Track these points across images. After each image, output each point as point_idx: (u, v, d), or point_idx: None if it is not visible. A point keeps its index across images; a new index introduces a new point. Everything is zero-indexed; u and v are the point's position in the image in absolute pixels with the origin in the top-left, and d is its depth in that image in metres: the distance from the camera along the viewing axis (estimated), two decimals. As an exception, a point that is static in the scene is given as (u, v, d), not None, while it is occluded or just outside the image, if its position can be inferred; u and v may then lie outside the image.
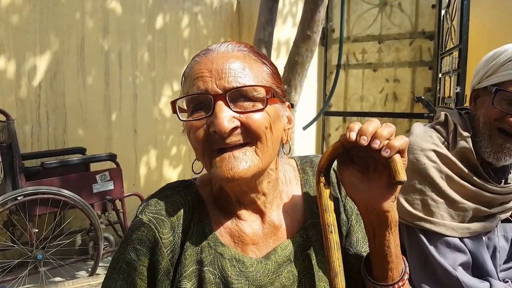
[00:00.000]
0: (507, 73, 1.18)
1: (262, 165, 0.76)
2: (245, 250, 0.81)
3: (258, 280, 0.79)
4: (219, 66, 0.74)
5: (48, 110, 3.48)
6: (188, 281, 0.78)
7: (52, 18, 3.42)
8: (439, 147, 1.27)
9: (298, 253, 0.83)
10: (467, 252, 1.23)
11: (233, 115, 0.72)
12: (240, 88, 0.73)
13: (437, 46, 4.24)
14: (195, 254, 0.79)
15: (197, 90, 0.74)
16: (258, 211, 0.83)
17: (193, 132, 0.75)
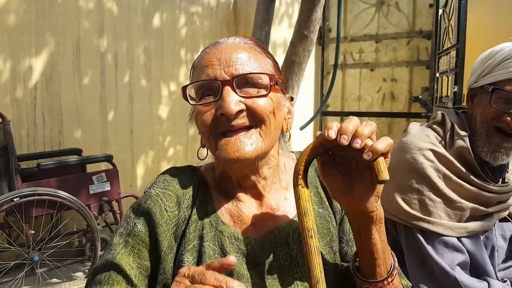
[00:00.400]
0: (504, 72, 1.18)
1: (265, 147, 0.81)
2: (244, 230, 0.85)
3: (255, 258, 0.83)
4: (227, 56, 0.81)
5: (44, 111, 3.46)
6: (190, 255, 0.82)
7: (47, 19, 3.41)
8: (437, 147, 1.26)
9: (295, 236, 0.86)
10: (465, 251, 1.23)
11: (239, 99, 0.79)
12: (246, 74, 0.80)
13: (434, 45, 4.24)
14: (198, 230, 0.84)
15: (207, 77, 0.81)
16: (258, 194, 0.88)
17: (201, 116, 0.81)
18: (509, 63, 1.17)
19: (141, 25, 3.94)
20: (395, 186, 1.27)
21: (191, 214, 0.85)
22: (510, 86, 1.17)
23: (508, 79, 1.17)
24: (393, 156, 1.34)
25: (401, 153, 1.30)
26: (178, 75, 4.23)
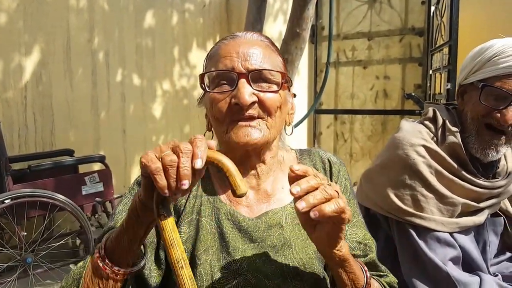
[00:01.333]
0: (494, 69, 1.18)
1: (271, 136, 0.89)
2: (240, 210, 0.93)
3: (250, 234, 0.90)
4: (245, 50, 0.88)
5: (35, 111, 3.42)
6: (187, 227, 0.90)
7: (36, 18, 3.37)
8: (429, 143, 1.27)
9: (288, 220, 0.93)
10: (457, 247, 1.23)
11: (253, 92, 0.85)
12: (262, 70, 0.86)
13: (426, 42, 4.25)
14: (196, 206, 0.92)
15: (224, 67, 0.87)
16: (256, 178, 0.95)
17: (216, 103, 0.87)
18: (499, 60, 1.17)
19: (132, 23, 3.91)
20: (388, 182, 1.28)
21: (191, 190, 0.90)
22: (499, 82, 1.17)
23: (498, 75, 1.17)
24: (385, 152, 1.35)
25: (394, 149, 1.30)
26: (170, 74, 4.21)
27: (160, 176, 0.63)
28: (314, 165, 1.02)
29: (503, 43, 1.19)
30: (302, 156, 1.05)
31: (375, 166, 1.36)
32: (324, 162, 1.03)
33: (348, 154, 4.87)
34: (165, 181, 0.63)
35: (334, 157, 1.06)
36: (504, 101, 1.17)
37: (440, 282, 1.20)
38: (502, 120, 1.17)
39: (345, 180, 1.04)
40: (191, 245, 0.89)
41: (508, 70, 1.15)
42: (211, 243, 0.89)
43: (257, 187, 0.95)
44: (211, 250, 0.88)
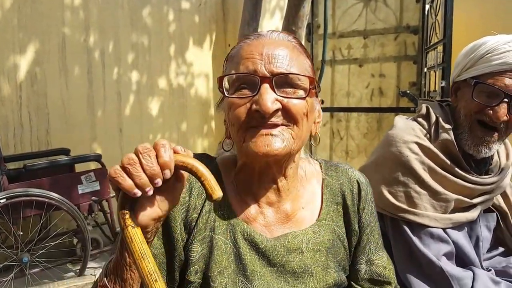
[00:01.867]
0: (486, 66, 1.19)
1: (295, 147, 0.80)
2: (256, 228, 0.85)
3: (268, 258, 0.83)
4: (269, 51, 0.79)
5: (30, 111, 3.41)
6: (199, 245, 0.81)
7: (31, 16, 3.36)
8: (422, 139, 1.28)
9: (309, 245, 0.86)
10: (450, 242, 1.25)
11: (277, 98, 0.77)
12: (287, 74, 0.78)
13: (421, 40, 4.27)
14: (210, 221, 0.83)
15: (246, 70, 0.78)
16: (276, 194, 0.87)
17: (235, 108, 0.78)
18: (492, 57, 1.18)
19: (128, 22, 3.91)
20: (382, 179, 1.29)
21: (204, 204, 0.83)
22: (492, 79, 1.18)
23: (490, 72, 1.18)
24: (379, 150, 1.36)
25: (387, 146, 1.31)
26: (167, 72, 4.21)
27: (122, 178, 0.61)
28: (341, 186, 0.94)
29: (496, 40, 1.20)
30: (328, 171, 0.96)
31: (369, 163, 1.38)
32: (352, 183, 0.95)
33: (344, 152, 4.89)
34: (129, 181, 0.61)
35: (362, 177, 0.98)
36: (496, 98, 1.18)
37: (434, 277, 1.21)
38: (494, 117, 1.18)
39: (371, 203, 0.97)
40: (203, 265, 0.81)
41: (501, 67, 1.16)
42: (227, 264, 0.81)
43: (277, 205, 0.87)
44: (227, 272, 0.81)
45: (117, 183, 0.61)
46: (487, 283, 1.20)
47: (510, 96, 1.16)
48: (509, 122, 1.20)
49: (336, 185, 0.94)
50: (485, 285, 1.20)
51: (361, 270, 0.94)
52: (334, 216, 0.91)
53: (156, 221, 0.67)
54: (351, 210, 0.93)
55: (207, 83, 4.59)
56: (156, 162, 0.63)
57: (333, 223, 0.91)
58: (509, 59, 1.15)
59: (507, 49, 1.16)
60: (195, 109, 4.50)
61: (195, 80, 4.46)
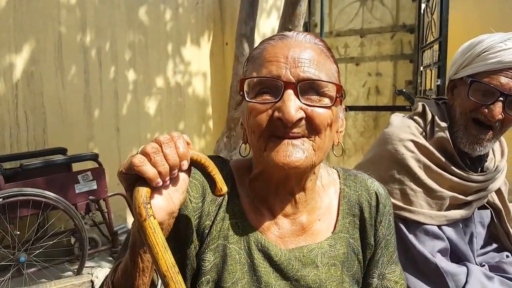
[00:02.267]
0: (482, 64, 1.20)
1: (316, 159, 0.75)
2: (270, 238, 0.81)
3: (282, 271, 0.80)
4: (295, 54, 0.74)
5: (26, 110, 3.40)
6: (212, 254, 0.78)
7: (27, 15, 3.35)
8: (417, 137, 1.29)
9: (324, 259, 0.83)
10: (445, 239, 1.26)
11: (301, 106, 0.72)
12: (314, 80, 0.73)
13: (417, 39, 4.29)
14: (224, 229, 0.80)
15: (269, 74, 0.73)
16: (292, 206, 0.83)
17: (255, 115, 0.74)
18: (488, 55, 1.19)
19: (124, 20, 3.90)
20: (377, 177, 1.28)
21: (218, 211, 0.80)
22: (487, 78, 1.18)
23: (486, 71, 1.19)
24: (375, 147, 1.37)
25: (383, 144, 1.32)
26: (164, 70, 4.21)
27: (147, 166, 0.59)
28: (359, 197, 0.90)
29: (492, 39, 1.20)
30: (346, 180, 0.92)
31: (365, 161, 1.38)
32: (371, 195, 0.90)
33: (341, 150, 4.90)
34: (154, 169, 0.60)
35: (381, 188, 0.94)
36: (492, 96, 1.18)
37: (429, 273, 1.22)
38: (489, 116, 1.19)
39: (389, 215, 0.93)
40: (216, 275, 0.78)
41: (497, 65, 1.17)
42: (240, 275, 0.78)
43: (293, 216, 0.84)
44: (240, 284, 0.78)
45: (142, 171, 0.59)
46: (480, 278, 1.22)
47: (505, 95, 1.17)
48: (504, 120, 1.21)
49: (354, 196, 0.90)
50: (479, 280, 1.21)
51: (372, 284, 0.91)
52: (350, 228, 0.88)
53: (170, 216, 0.65)
54: (368, 223, 0.89)
55: (205, 82, 4.59)
56: (176, 152, 0.62)
57: (348, 236, 0.87)
58: (505, 57, 1.16)
59: (503, 48, 1.17)
60: (193, 108, 4.50)
61: (192, 79, 4.46)
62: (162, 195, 0.63)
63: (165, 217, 0.64)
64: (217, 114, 4.65)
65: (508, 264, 1.31)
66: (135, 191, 0.61)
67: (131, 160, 0.60)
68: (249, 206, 0.83)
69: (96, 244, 3.31)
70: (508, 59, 1.16)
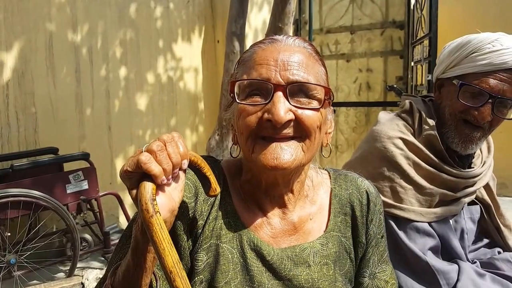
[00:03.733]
0: (471, 65, 1.20)
1: (305, 160, 0.77)
2: (262, 237, 0.82)
3: (275, 270, 0.80)
4: (285, 58, 0.76)
5: (17, 110, 3.37)
6: (205, 254, 0.79)
7: (17, 14, 3.31)
8: (406, 135, 1.29)
9: (316, 258, 0.84)
10: (435, 236, 1.27)
11: (290, 108, 0.73)
12: (303, 83, 0.74)
13: (407, 35, 4.31)
14: (216, 229, 0.80)
15: (259, 77, 0.75)
16: (282, 207, 0.85)
17: (244, 116, 0.75)
18: (477, 57, 1.19)
19: (115, 18, 3.87)
20: (367, 174, 1.29)
21: (210, 210, 0.81)
22: (477, 80, 1.19)
23: (476, 72, 1.19)
24: (364, 145, 1.37)
25: (372, 142, 1.32)
26: (155, 68, 4.19)
27: (154, 163, 0.60)
28: (349, 196, 0.91)
29: (481, 40, 1.20)
30: (337, 180, 0.93)
31: (354, 158, 1.39)
32: (361, 193, 0.92)
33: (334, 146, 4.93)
34: (159, 167, 0.61)
35: (371, 187, 0.95)
36: (481, 99, 1.19)
37: (421, 271, 1.23)
38: (479, 117, 1.20)
39: (380, 214, 0.94)
40: (209, 275, 0.79)
41: (486, 67, 1.18)
42: (233, 275, 0.78)
43: (284, 216, 0.85)
44: (233, 283, 0.78)
45: (149, 169, 0.60)
46: (472, 275, 1.23)
47: (494, 97, 1.18)
48: (493, 121, 1.22)
49: (344, 195, 0.91)
50: (470, 278, 1.22)
51: (363, 283, 0.91)
52: (342, 227, 0.89)
53: (171, 214, 0.66)
54: (359, 222, 0.90)
55: (197, 80, 4.58)
56: (178, 152, 0.63)
57: (340, 234, 0.88)
58: (494, 60, 1.16)
59: (492, 49, 1.17)
60: (185, 106, 4.49)
61: (184, 77, 4.44)
62: (165, 193, 0.64)
63: (167, 214, 0.64)
64: (209, 112, 4.64)
65: (500, 260, 1.32)
66: (141, 188, 0.61)
67: (138, 157, 0.61)
68: (241, 206, 0.84)
69: (88, 244, 3.30)
70: (497, 61, 1.16)
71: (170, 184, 0.65)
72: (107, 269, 0.80)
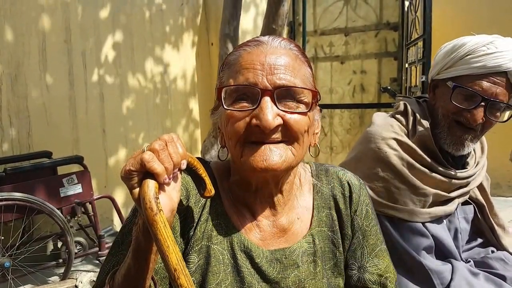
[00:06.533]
0: (466, 68, 1.21)
1: (295, 163, 0.77)
2: (252, 238, 0.82)
3: (263, 273, 0.81)
4: (271, 61, 0.74)
5: (10, 114, 3.35)
6: (196, 256, 0.79)
7: (9, 18, 3.29)
8: (400, 136, 1.30)
9: (303, 258, 0.84)
10: (429, 236, 1.27)
11: (278, 112, 0.73)
12: (290, 87, 0.74)
13: (401, 36, 4.34)
14: (207, 231, 0.80)
15: (246, 82, 0.74)
16: (271, 208, 0.84)
17: (232, 122, 0.74)
18: (471, 59, 1.20)
19: (109, 21, 3.86)
20: (362, 175, 1.29)
21: (202, 212, 0.81)
22: (470, 83, 1.20)
23: (469, 75, 1.20)
24: (359, 146, 1.38)
25: (366, 143, 1.33)
26: (149, 71, 4.18)
27: (157, 162, 0.61)
28: (332, 189, 0.91)
29: (475, 42, 1.21)
30: (318, 174, 0.92)
31: (349, 159, 1.39)
32: (343, 186, 0.91)
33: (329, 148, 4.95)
34: (162, 166, 0.61)
35: (354, 178, 0.94)
36: (474, 101, 1.20)
37: (415, 271, 1.23)
38: (471, 120, 1.21)
39: (366, 205, 0.93)
40: (200, 277, 0.79)
41: (480, 70, 1.19)
42: (224, 276, 0.79)
43: (273, 218, 0.85)
44: (224, 285, 0.78)
45: (152, 167, 0.60)
46: (465, 275, 1.23)
47: (487, 100, 1.19)
48: (485, 124, 1.23)
49: (326, 189, 0.90)
50: (464, 277, 1.23)
51: (352, 276, 0.90)
52: (327, 221, 0.89)
53: (171, 214, 0.66)
54: (344, 214, 0.90)
55: (191, 83, 4.57)
56: (178, 152, 0.64)
57: (327, 229, 0.88)
58: (488, 62, 1.17)
59: (486, 52, 1.18)
60: (179, 109, 4.48)
61: (178, 80, 4.44)
62: (165, 192, 0.64)
63: (168, 214, 0.64)
64: (203, 114, 4.64)
65: (493, 259, 1.33)
66: (144, 186, 0.61)
67: (142, 156, 0.61)
68: (231, 208, 0.84)
69: (83, 248, 3.28)
70: (491, 64, 1.17)
71: (170, 183, 0.65)
72: (98, 277, 0.79)
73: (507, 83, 1.19)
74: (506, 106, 1.22)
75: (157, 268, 0.77)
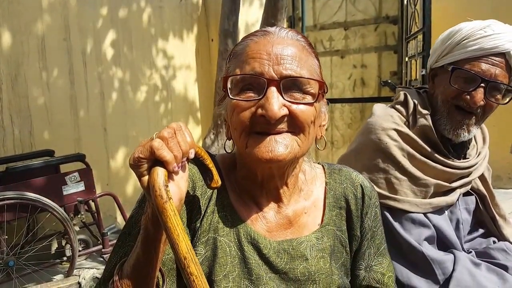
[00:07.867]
0: (463, 51, 1.21)
1: (300, 153, 0.77)
2: (258, 230, 0.82)
3: (271, 264, 0.81)
4: (278, 51, 0.74)
5: (11, 113, 3.36)
6: (203, 248, 0.79)
7: (8, 17, 3.29)
8: (400, 126, 1.30)
9: (313, 252, 0.84)
10: (431, 226, 1.27)
11: (284, 103, 0.72)
12: (296, 78, 0.73)
13: (401, 30, 4.32)
14: (214, 223, 0.80)
15: (252, 71, 0.73)
16: (277, 201, 0.85)
17: (238, 112, 0.74)
18: (468, 43, 1.20)
19: (108, 19, 3.86)
20: (362, 166, 1.30)
21: (208, 204, 0.81)
22: (469, 65, 1.20)
23: (467, 58, 1.20)
24: (359, 137, 1.38)
25: (367, 133, 1.33)
26: (149, 69, 4.18)
27: (166, 150, 0.60)
28: (344, 190, 0.91)
29: (472, 27, 1.22)
30: (331, 175, 0.92)
31: (350, 151, 1.39)
32: (356, 187, 0.92)
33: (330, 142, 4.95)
34: (171, 153, 0.61)
35: (366, 181, 0.94)
36: (473, 83, 1.20)
37: (416, 262, 1.23)
38: (471, 102, 1.21)
39: (375, 207, 0.94)
40: (207, 268, 0.78)
41: (477, 52, 1.19)
42: (231, 268, 0.79)
43: (279, 210, 0.85)
44: (231, 276, 0.78)
45: (161, 155, 0.60)
46: (467, 265, 1.23)
47: (486, 81, 1.18)
48: (485, 106, 1.22)
49: (339, 189, 0.91)
50: (466, 267, 1.22)
51: (359, 275, 0.91)
52: (337, 220, 0.89)
53: (180, 203, 0.66)
54: (354, 215, 0.90)
55: (191, 79, 4.57)
56: (186, 140, 0.64)
57: (335, 228, 0.88)
58: (484, 44, 1.17)
59: (483, 35, 1.18)
60: (180, 106, 4.48)
61: (178, 76, 4.44)
62: (174, 181, 0.64)
63: (177, 203, 0.64)
64: (204, 111, 4.64)
65: (495, 249, 1.33)
66: (153, 174, 0.61)
67: (151, 143, 0.61)
68: (237, 200, 0.84)
69: (86, 245, 3.29)
70: (488, 45, 1.17)
71: (178, 172, 0.64)
72: (106, 268, 0.79)
73: (506, 64, 1.19)
74: (507, 89, 1.22)
75: (165, 260, 0.77)
